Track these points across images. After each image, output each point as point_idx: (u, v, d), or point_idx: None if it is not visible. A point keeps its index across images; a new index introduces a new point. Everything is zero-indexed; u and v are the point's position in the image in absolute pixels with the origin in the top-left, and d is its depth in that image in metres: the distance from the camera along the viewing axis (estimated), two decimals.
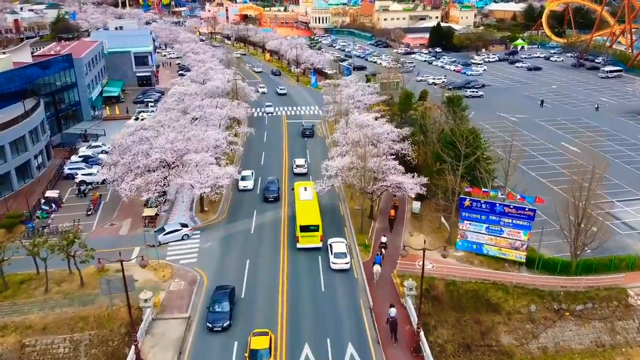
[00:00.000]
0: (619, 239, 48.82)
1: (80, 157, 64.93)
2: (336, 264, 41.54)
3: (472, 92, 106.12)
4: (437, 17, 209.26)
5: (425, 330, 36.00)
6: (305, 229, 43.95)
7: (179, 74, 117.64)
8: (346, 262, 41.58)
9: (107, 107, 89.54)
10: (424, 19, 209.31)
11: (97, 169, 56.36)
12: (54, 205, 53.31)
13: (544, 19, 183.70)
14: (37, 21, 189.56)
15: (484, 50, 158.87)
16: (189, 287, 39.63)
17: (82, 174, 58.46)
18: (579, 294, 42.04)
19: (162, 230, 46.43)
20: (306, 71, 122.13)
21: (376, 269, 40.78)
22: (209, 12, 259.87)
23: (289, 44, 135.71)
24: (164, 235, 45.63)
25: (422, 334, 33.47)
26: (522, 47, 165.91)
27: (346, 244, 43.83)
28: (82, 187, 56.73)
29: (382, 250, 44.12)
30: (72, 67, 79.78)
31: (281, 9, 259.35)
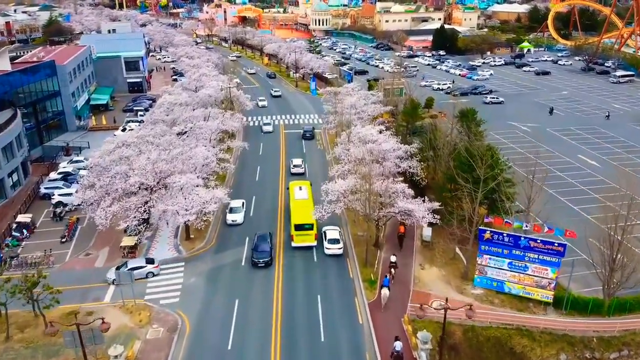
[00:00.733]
0: None
1: (59, 174, 59.79)
2: (329, 249, 43.42)
3: (493, 98, 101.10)
4: (440, 19, 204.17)
5: None
6: (299, 227, 44.02)
7: (173, 79, 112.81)
8: (339, 248, 43.42)
9: (94, 116, 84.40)
10: (426, 20, 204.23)
11: (76, 188, 51.20)
12: (25, 231, 48.14)
13: (549, 21, 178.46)
14: (29, 24, 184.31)
15: (489, 53, 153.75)
16: (169, 335, 34.40)
17: (59, 195, 53.33)
18: (613, 340, 36.84)
19: (123, 266, 40.83)
20: (305, 76, 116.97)
21: (384, 293, 36.93)
22: (206, 13, 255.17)
23: (288, 47, 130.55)
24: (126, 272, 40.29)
25: None
26: (529, 50, 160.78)
27: (339, 232, 45.69)
28: (59, 210, 51.57)
29: (392, 270, 40.03)
30: (55, 75, 74.65)
31: (280, 11, 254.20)
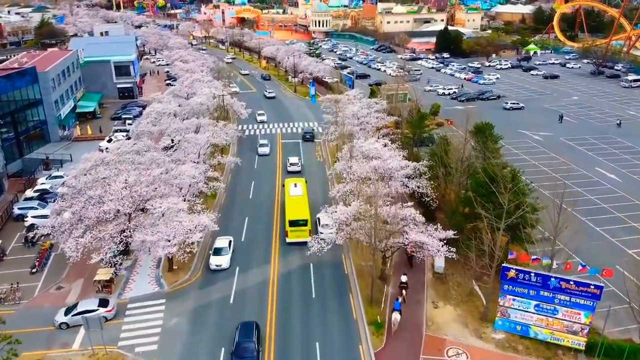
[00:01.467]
0: None
1: (35, 191, 54.94)
2: (323, 233, 44.04)
3: (513, 104, 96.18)
4: (443, 20, 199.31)
5: None
6: (294, 223, 44.75)
7: (167, 83, 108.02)
8: (331, 232, 42.22)
9: (81, 124, 79.52)
10: (428, 21, 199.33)
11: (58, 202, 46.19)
12: None
13: (555, 22, 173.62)
14: (21, 25, 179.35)
15: (494, 55, 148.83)
16: None
17: (32, 217, 48.48)
18: None
19: (71, 308, 36.04)
20: (304, 80, 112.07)
21: (395, 317, 33.95)
22: (204, 14, 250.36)
23: (286, 50, 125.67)
24: (72, 316, 35.36)
25: None
26: (535, 53, 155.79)
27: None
28: (31, 234, 46.56)
29: (403, 291, 36.84)
30: (37, 82, 69.72)
31: (280, 12, 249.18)
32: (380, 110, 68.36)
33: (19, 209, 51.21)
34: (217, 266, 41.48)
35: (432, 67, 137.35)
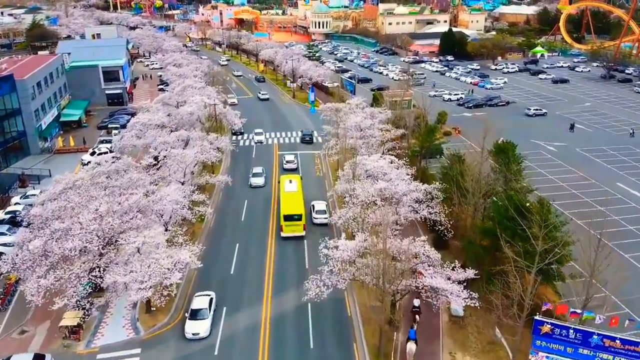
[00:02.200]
0: None
1: (6, 213, 49.86)
2: (317, 218, 48.68)
3: (536, 110, 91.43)
4: (446, 21, 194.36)
5: None
6: (289, 218, 45.79)
7: (159, 88, 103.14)
8: (325, 218, 48.17)
9: (65, 134, 74.51)
10: (431, 23, 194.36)
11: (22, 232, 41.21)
12: None
13: (561, 23, 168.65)
14: (12, 27, 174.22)
15: (500, 58, 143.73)
16: None
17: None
18: None
19: None
20: (304, 86, 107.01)
21: (410, 348, 30.45)
22: (202, 15, 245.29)
23: (285, 53, 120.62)
24: None
25: None
26: (542, 55, 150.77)
27: (326, 204, 51.18)
28: None
29: (416, 317, 33.24)
30: (15, 91, 64.78)
31: (279, 13, 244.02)
32: (384, 120, 63.44)
33: None
34: (194, 335, 33.34)
35: (436, 71, 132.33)
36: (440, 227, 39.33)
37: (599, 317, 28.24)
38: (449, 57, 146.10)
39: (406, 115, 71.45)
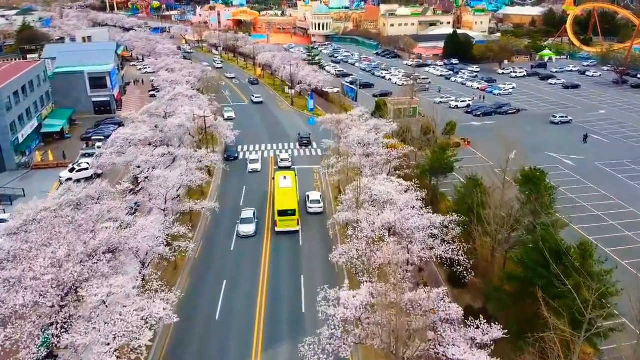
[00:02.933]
0: None
1: None
2: (311, 208, 50.82)
3: (562, 117, 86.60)
4: (449, 23, 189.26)
5: None
6: (283, 213, 46.48)
7: (151, 94, 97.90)
8: (319, 207, 50.93)
9: (41, 149, 69.06)
10: (434, 24, 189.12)
11: None
12: None
13: (568, 25, 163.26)
14: (3, 30, 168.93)
15: (507, 62, 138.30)
16: None
17: None
18: None
19: None
20: (303, 92, 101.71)
21: None
22: (199, 16, 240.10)
23: (283, 57, 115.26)
24: None
25: None
26: (550, 59, 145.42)
27: (320, 195, 53.27)
28: None
29: None
30: None
31: (278, 14, 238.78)
32: (390, 134, 58.16)
33: None
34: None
35: (441, 75, 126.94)
36: (458, 267, 34.02)
37: None
38: (454, 61, 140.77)
39: (413, 125, 66.45)
